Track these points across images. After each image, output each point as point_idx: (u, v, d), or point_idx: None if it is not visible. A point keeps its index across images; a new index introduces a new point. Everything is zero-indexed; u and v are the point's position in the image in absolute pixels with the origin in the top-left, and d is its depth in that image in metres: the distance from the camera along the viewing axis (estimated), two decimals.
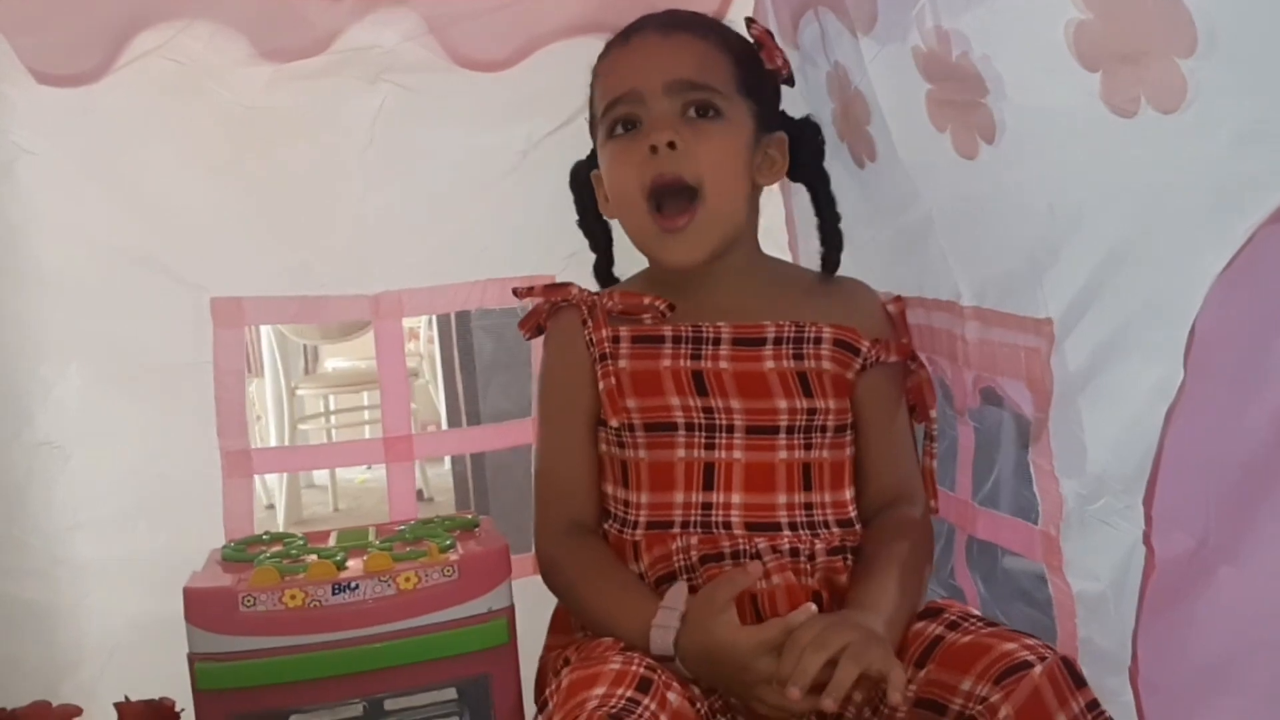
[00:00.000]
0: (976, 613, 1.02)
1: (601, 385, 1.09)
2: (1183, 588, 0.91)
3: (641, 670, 0.90)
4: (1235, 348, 0.83)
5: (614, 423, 1.08)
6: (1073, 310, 0.96)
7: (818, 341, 1.10)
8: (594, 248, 1.23)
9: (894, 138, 1.11)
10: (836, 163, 1.22)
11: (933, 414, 1.16)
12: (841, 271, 1.19)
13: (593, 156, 1.18)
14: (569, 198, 1.24)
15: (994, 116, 0.96)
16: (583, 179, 1.20)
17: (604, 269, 1.24)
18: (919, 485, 1.15)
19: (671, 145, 1.04)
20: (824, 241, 1.18)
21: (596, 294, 1.15)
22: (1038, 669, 0.88)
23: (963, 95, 0.98)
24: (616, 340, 1.10)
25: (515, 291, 1.20)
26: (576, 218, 1.22)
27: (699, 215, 1.06)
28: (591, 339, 1.10)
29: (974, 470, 1.22)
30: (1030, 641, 0.92)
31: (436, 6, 1.38)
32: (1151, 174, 0.84)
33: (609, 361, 1.09)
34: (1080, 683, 0.89)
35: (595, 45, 1.40)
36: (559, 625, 1.13)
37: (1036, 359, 1.01)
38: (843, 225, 1.18)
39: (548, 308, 1.16)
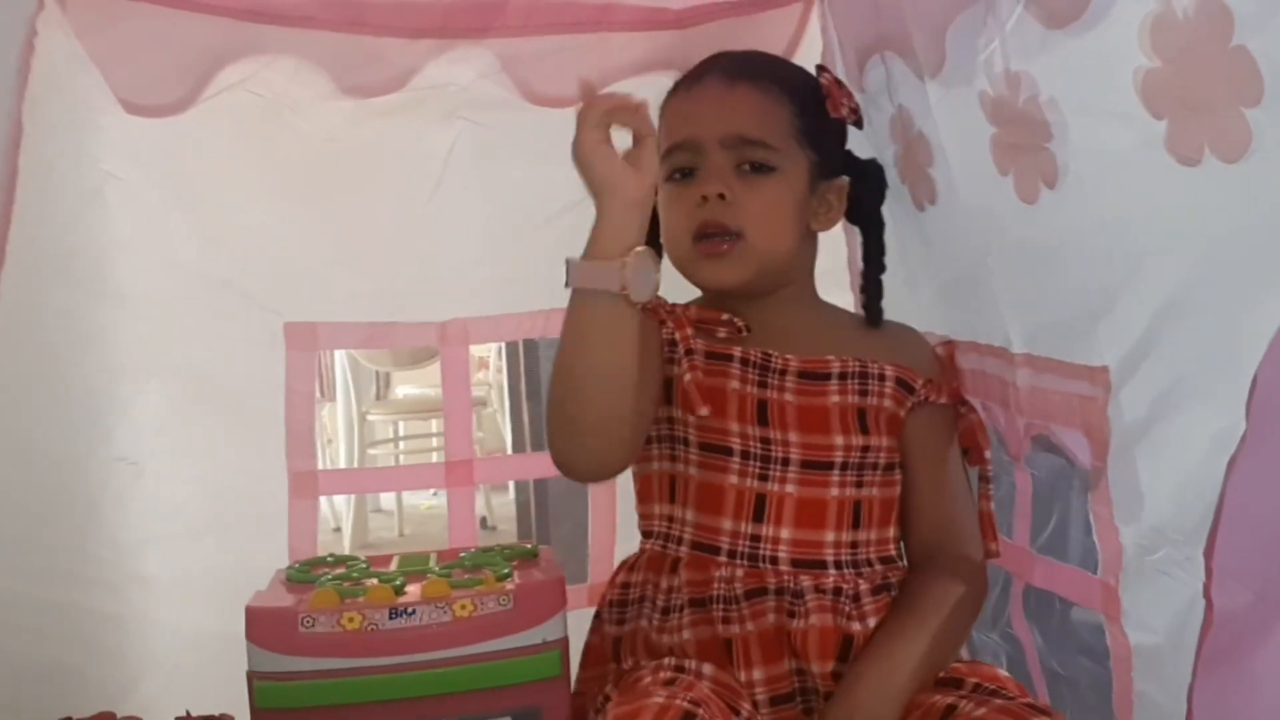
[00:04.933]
0: (999, 682, 1.00)
1: (689, 377, 1.07)
2: (1241, 643, 0.88)
3: (685, 705, 0.89)
4: None
5: (703, 410, 1.05)
6: (1130, 359, 0.95)
7: (882, 379, 1.11)
8: None
9: (956, 181, 1.11)
10: (896, 205, 1.22)
11: (987, 455, 1.15)
12: (897, 314, 1.20)
13: None
14: None
15: (1057, 161, 0.95)
16: None
17: None
18: (973, 527, 1.14)
19: (721, 196, 1.07)
20: (865, 289, 1.19)
21: (672, 304, 1.13)
22: None
23: (1027, 139, 0.97)
24: (690, 354, 1.09)
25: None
26: None
27: (737, 249, 1.08)
28: (675, 336, 1.09)
29: (1032, 517, 1.20)
30: None
31: (511, 46, 1.41)
32: (1214, 223, 0.83)
33: (695, 356, 1.08)
34: None
35: (662, 82, 1.42)
36: (591, 659, 1.13)
37: (1093, 407, 1.00)
38: (900, 267, 1.18)
39: None
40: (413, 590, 1.12)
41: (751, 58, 1.16)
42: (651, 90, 1.35)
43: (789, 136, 1.10)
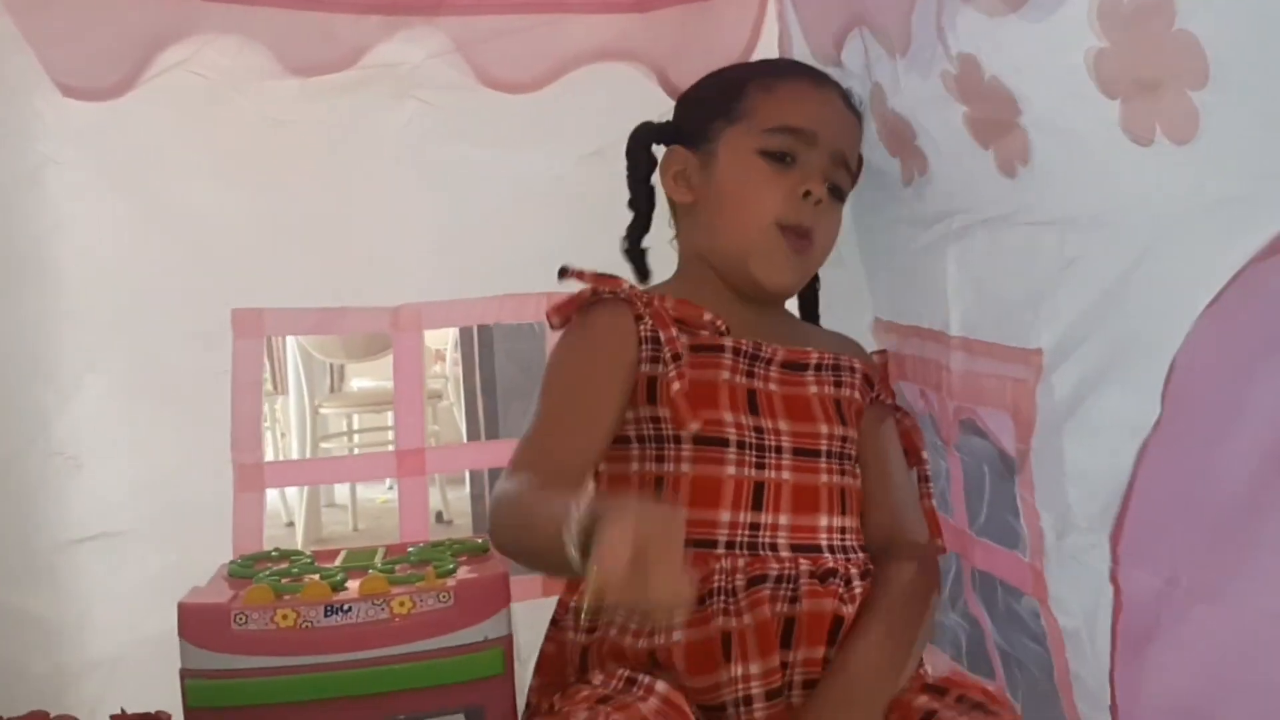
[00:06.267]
0: (981, 695, 0.99)
1: (676, 386, 1.05)
2: (1155, 627, 0.88)
3: None
4: (1213, 384, 0.81)
5: (694, 426, 1.04)
6: (1065, 342, 0.95)
7: (852, 371, 1.14)
8: (634, 207, 1.22)
9: (943, 154, 1.10)
10: (877, 181, 1.22)
11: (924, 456, 1.19)
12: (850, 297, 1.26)
13: (665, 128, 1.20)
14: (591, 220, 1.24)
15: (1029, 137, 0.95)
16: (646, 143, 1.21)
17: (638, 235, 1.23)
18: (920, 520, 1.15)
19: (818, 202, 1.10)
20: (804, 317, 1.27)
21: (648, 294, 1.12)
22: None
23: (998, 115, 0.97)
24: (678, 359, 1.06)
25: (562, 270, 1.12)
26: (626, 177, 1.22)
27: (810, 254, 1.13)
28: (659, 337, 1.06)
29: (967, 501, 1.21)
30: None
31: (465, 25, 1.38)
32: (1161, 204, 0.83)
33: (681, 363, 1.06)
34: None
35: (624, 72, 1.42)
36: (545, 667, 1.08)
37: (1022, 390, 1.01)
38: (855, 251, 1.20)
39: (591, 296, 1.10)
40: (352, 587, 1.09)
41: (852, 98, 1.19)
42: (612, 79, 1.36)
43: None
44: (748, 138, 1.11)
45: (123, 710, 1.16)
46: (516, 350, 2.43)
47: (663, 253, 1.24)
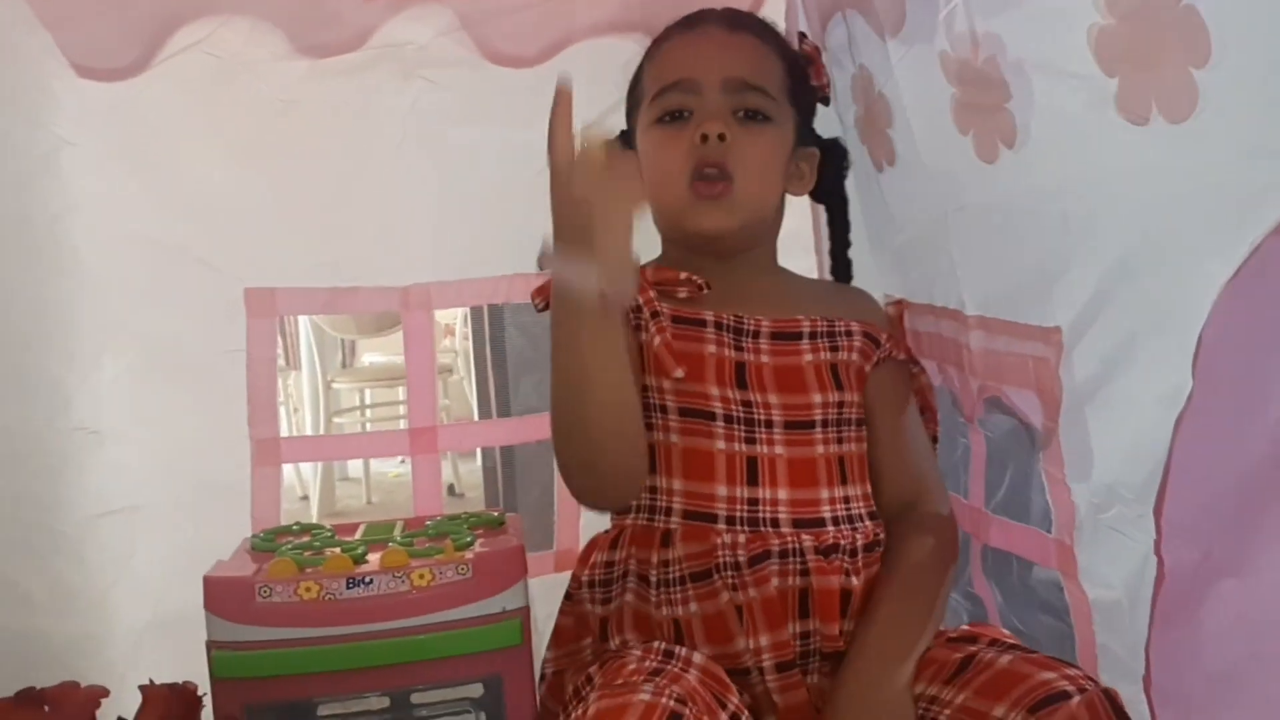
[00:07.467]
0: (1011, 639, 1.01)
1: (658, 340, 1.05)
2: (1191, 598, 0.90)
3: (672, 704, 0.84)
4: (1241, 357, 0.82)
5: (678, 373, 1.04)
6: (1081, 319, 0.96)
7: (849, 335, 1.12)
8: None
9: (917, 141, 1.11)
10: (858, 166, 1.22)
11: (938, 416, 1.17)
12: (857, 275, 1.22)
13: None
14: None
15: (1016, 122, 0.95)
16: None
17: None
18: (939, 480, 1.14)
19: (721, 138, 1.06)
20: (834, 270, 1.22)
21: None
22: (1075, 700, 0.86)
23: (986, 99, 0.97)
24: (656, 316, 1.07)
25: (540, 260, 1.10)
26: None
27: (731, 194, 1.07)
28: (638, 301, 1.06)
29: (986, 478, 1.21)
30: (1071, 672, 0.89)
31: (470, 2, 1.39)
32: (1161, 183, 0.84)
33: (662, 319, 1.06)
34: (1122, 717, 0.87)
35: (627, 45, 1.42)
36: (563, 639, 1.10)
37: (1045, 368, 1.01)
38: (859, 229, 1.18)
39: None
40: (373, 559, 1.11)
41: (744, 14, 1.16)
42: (615, 52, 1.36)
43: (782, 91, 1.11)
44: (646, 115, 1.11)
45: (151, 681, 1.18)
46: (527, 324, 2.43)
47: None
